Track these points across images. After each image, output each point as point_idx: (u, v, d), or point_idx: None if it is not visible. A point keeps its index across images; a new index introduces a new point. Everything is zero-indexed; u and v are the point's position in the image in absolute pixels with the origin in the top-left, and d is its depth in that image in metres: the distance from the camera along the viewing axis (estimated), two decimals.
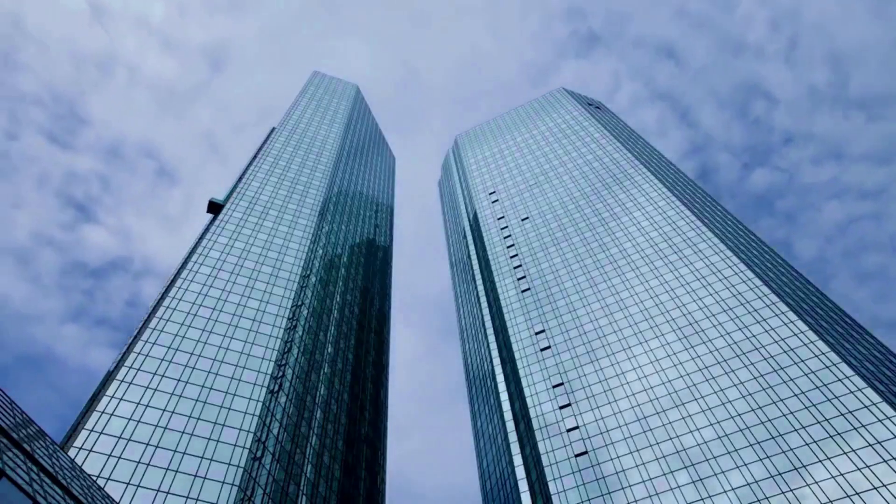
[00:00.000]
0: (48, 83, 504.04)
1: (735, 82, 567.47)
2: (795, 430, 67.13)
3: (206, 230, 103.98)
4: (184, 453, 62.56)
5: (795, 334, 77.86)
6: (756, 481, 64.25)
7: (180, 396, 68.94)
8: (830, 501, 59.18)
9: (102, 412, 63.43)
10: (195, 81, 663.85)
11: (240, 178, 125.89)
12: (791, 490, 61.83)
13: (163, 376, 70.55)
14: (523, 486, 78.45)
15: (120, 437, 61.33)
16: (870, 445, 62.14)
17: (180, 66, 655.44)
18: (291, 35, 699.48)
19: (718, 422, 72.28)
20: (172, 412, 66.60)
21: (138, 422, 63.87)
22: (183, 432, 64.79)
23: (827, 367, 71.95)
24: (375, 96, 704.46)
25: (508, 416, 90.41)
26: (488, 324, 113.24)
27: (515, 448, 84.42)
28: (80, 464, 57.04)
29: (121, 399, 65.60)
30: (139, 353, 72.40)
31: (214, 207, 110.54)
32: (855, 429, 64.31)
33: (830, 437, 64.79)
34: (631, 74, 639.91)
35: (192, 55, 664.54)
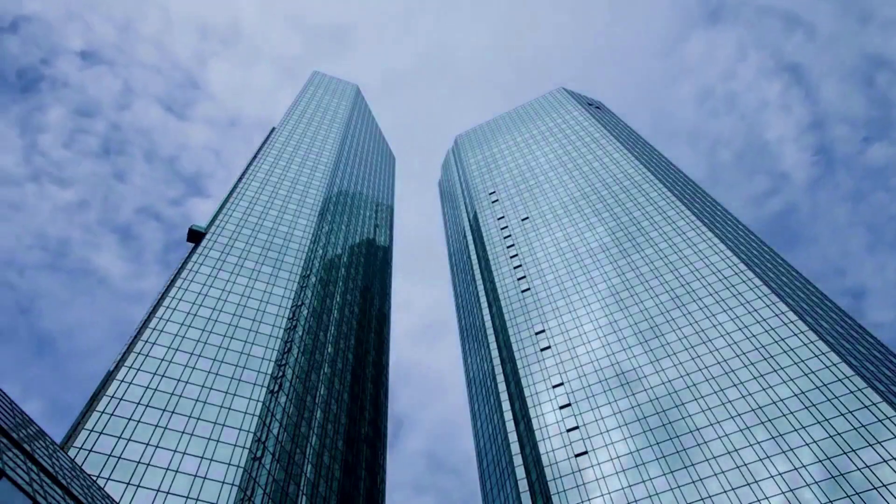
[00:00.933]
0: (169, 53, 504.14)
1: (860, 53, 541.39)
2: (795, 430, 67.14)
3: (207, 230, 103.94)
4: (184, 453, 62.57)
5: (795, 334, 77.86)
6: (756, 481, 64.26)
7: (180, 396, 68.95)
8: (831, 501, 59.18)
9: (102, 412, 63.43)
10: (316, 58, 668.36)
11: (240, 178, 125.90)
12: (791, 490, 61.83)
13: (163, 376, 70.55)
14: (523, 485, 78.45)
15: (120, 437, 61.34)
16: (870, 445, 62.14)
17: (303, 43, 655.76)
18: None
19: (718, 422, 72.29)
20: (172, 412, 66.61)
21: (138, 422, 63.88)
22: (183, 432, 64.80)
23: (827, 367, 71.94)
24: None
25: (508, 416, 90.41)
26: (488, 324, 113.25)
27: (515, 448, 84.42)
28: (80, 464, 57.05)
29: (121, 399, 65.60)
30: (139, 353, 72.41)
31: (194, 236, 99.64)
32: (855, 429, 64.31)
33: (830, 437, 64.80)
34: (756, 45, 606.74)
35: (316, 33, 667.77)
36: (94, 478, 55.98)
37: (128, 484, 57.13)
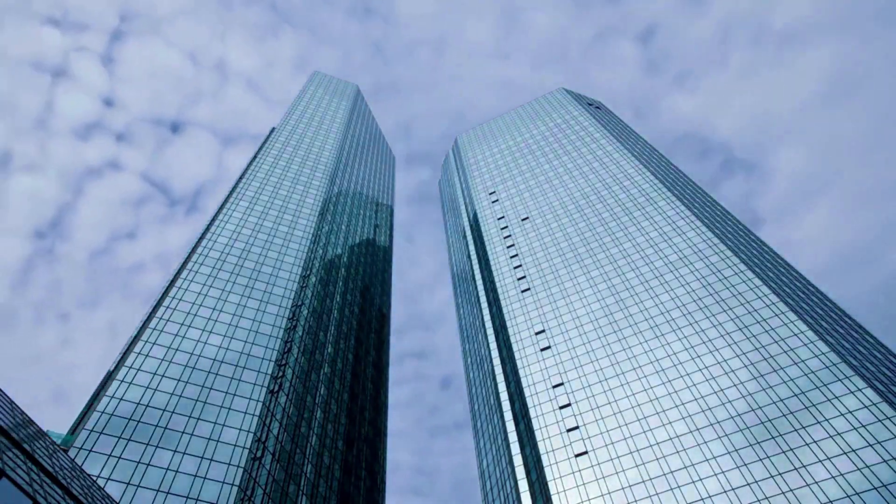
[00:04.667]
0: None
1: None
2: (795, 430, 67.14)
3: (207, 230, 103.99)
4: (184, 453, 62.58)
5: (795, 334, 77.87)
6: (756, 481, 64.27)
7: (180, 396, 68.96)
8: (830, 501, 59.19)
9: (103, 412, 63.45)
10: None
11: (240, 178, 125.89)
12: (791, 490, 61.84)
13: (163, 376, 70.57)
14: (523, 486, 78.45)
15: (120, 437, 61.36)
16: (870, 445, 62.15)
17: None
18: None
19: (718, 422, 72.30)
20: (172, 412, 66.62)
21: (138, 422, 63.90)
22: (183, 432, 64.82)
23: (827, 367, 71.95)
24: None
25: (508, 416, 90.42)
26: (488, 324, 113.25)
27: (515, 448, 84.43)
28: (80, 464, 57.05)
29: (121, 399, 65.62)
30: (139, 353, 72.42)
31: None
32: (855, 429, 64.32)
33: (830, 437, 64.80)
34: None
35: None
36: (94, 478, 55.97)
37: (128, 484, 57.14)
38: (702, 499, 65.35)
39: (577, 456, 76.62)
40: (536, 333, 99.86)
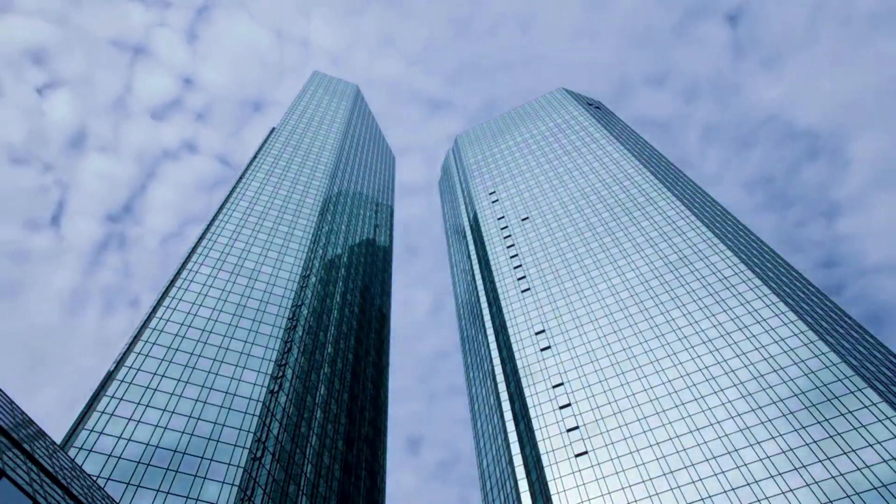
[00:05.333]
0: None
1: None
2: (795, 430, 67.14)
3: (207, 230, 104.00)
4: (184, 453, 62.57)
5: (795, 334, 77.87)
6: (756, 481, 64.26)
7: (180, 396, 68.95)
8: (830, 501, 59.18)
9: (102, 412, 63.44)
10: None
11: (240, 178, 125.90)
12: (791, 490, 61.84)
13: (163, 376, 70.56)
14: (523, 486, 78.45)
15: (120, 437, 61.34)
16: (870, 445, 62.15)
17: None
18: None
19: (718, 422, 72.29)
20: (172, 412, 66.62)
21: (138, 422, 63.89)
22: (183, 432, 64.81)
23: (827, 367, 71.94)
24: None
25: (508, 416, 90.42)
26: (488, 324, 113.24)
27: (515, 448, 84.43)
28: (80, 464, 57.04)
29: (121, 399, 65.62)
30: (139, 353, 72.42)
31: None
32: (855, 429, 64.32)
33: (830, 437, 64.80)
34: None
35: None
36: (94, 478, 55.96)
37: (128, 484, 57.13)
38: (702, 499, 65.34)
39: (577, 456, 76.62)
40: (536, 333, 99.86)
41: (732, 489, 64.66)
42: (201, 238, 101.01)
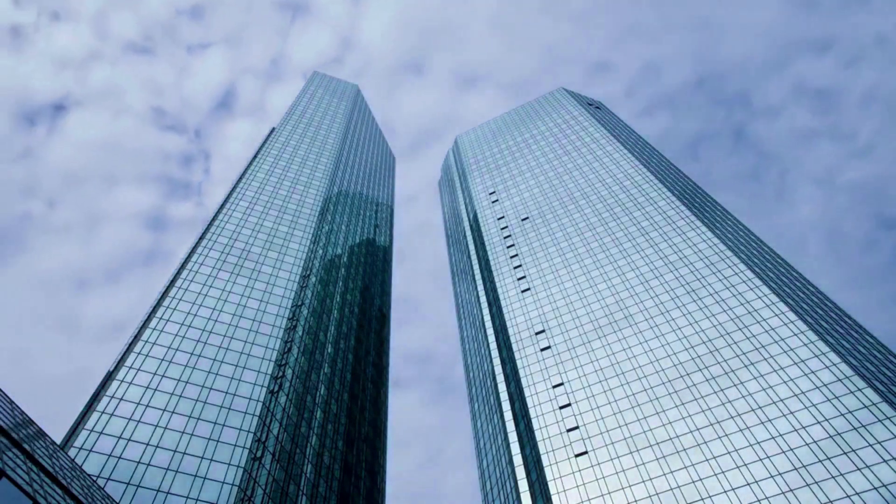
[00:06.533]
0: None
1: None
2: (795, 430, 67.13)
3: (207, 230, 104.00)
4: (184, 453, 62.57)
5: (795, 334, 77.86)
6: (756, 481, 64.27)
7: (180, 396, 68.95)
8: (830, 501, 59.18)
9: (102, 412, 63.44)
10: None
11: (240, 178, 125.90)
12: (791, 490, 61.84)
13: (163, 376, 70.56)
14: (523, 486, 78.46)
15: (120, 437, 61.34)
16: (869, 445, 62.15)
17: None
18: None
19: (719, 421, 72.29)
20: (172, 412, 66.62)
21: (138, 422, 63.88)
22: (183, 432, 64.81)
23: (827, 367, 71.94)
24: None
25: (508, 416, 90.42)
26: (488, 324, 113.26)
27: (515, 448, 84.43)
28: (80, 464, 57.04)
29: (121, 399, 65.61)
30: (139, 353, 72.42)
31: None
32: (855, 429, 64.31)
33: (830, 437, 64.80)
34: None
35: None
36: (94, 478, 55.97)
37: (128, 484, 57.13)
38: (702, 499, 65.33)
39: (577, 456, 76.62)
40: (536, 333, 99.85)
41: (732, 489, 64.67)
42: (201, 238, 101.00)
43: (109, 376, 70.46)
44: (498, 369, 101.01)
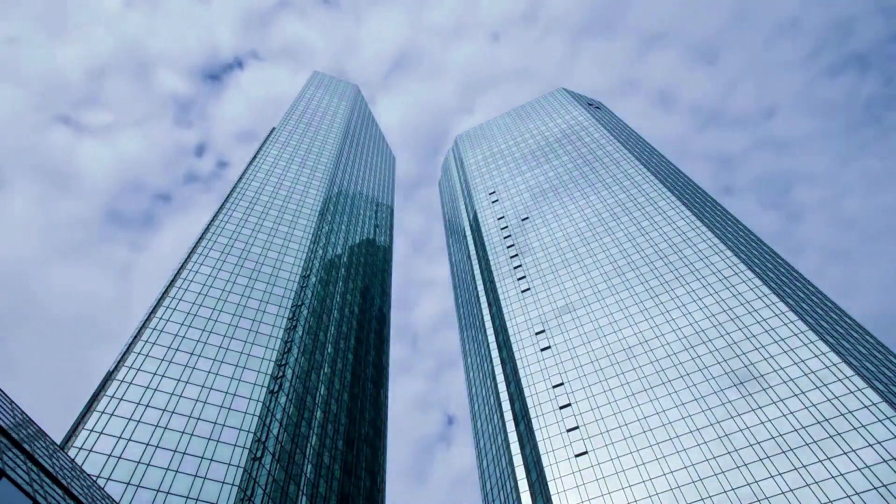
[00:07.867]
0: None
1: None
2: (795, 429, 67.14)
3: (206, 230, 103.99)
4: (184, 453, 62.57)
5: (795, 334, 77.87)
6: (756, 481, 64.27)
7: (180, 396, 68.95)
8: (830, 501, 59.18)
9: (102, 412, 63.44)
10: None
11: (240, 178, 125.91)
12: (791, 490, 61.84)
13: (163, 376, 70.56)
14: (523, 486, 78.45)
15: (120, 437, 61.34)
16: (870, 445, 62.15)
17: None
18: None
19: (719, 421, 72.29)
20: (172, 412, 66.62)
21: (138, 422, 63.88)
22: (183, 432, 64.81)
23: (827, 367, 71.95)
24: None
25: (508, 416, 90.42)
26: (488, 324, 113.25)
27: (515, 448, 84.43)
28: (80, 464, 57.04)
29: (121, 399, 65.61)
30: (139, 353, 72.41)
31: None
32: (855, 429, 64.32)
33: (830, 437, 64.80)
34: None
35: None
36: (94, 478, 55.97)
37: (128, 484, 57.13)
38: (702, 499, 65.33)
39: (577, 456, 76.62)
40: (536, 333, 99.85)
41: (733, 489, 64.67)
42: (201, 238, 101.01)
43: (109, 376, 70.46)
44: (498, 369, 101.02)
